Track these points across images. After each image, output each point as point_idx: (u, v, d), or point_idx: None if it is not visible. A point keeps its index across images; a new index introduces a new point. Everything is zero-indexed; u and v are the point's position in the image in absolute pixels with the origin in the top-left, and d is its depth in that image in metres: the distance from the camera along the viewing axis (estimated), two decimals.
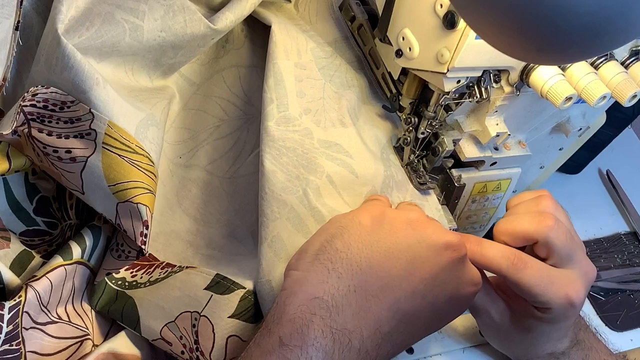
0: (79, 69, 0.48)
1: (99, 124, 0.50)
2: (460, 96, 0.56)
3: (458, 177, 0.61)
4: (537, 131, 0.64)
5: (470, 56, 0.50)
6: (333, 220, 0.49)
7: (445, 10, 0.48)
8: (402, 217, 0.48)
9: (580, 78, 0.51)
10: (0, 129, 0.50)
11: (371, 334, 0.43)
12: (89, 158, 0.51)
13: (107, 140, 0.50)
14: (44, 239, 0.57)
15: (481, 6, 0.35)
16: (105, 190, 0.51)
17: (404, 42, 0.54)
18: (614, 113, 0.69)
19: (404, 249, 0.46)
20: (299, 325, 0.42)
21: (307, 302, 0.43)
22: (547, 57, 0.39)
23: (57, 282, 0.52)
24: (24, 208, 0.56)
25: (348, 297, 0.43)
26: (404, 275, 0.45)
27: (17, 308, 0.49)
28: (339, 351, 0.42)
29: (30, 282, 0.50)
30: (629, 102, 0.53)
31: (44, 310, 0.52)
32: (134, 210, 0.52)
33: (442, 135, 0.58)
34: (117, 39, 0.51)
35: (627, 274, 0.78)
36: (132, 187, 0.51)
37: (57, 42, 0.48)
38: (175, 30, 0.53)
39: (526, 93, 0.56)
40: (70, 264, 0.53)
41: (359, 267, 0.44)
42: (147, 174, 0.53)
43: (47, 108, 0.50)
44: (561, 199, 0.83)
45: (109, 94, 0.50)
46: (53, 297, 0.52)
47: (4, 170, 0.52)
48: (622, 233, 0.84)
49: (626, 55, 0.55)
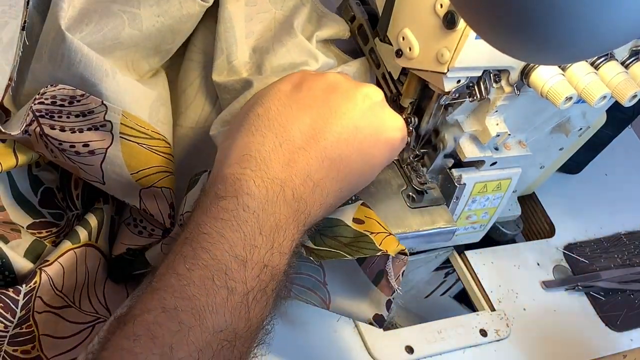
0: (87, 62, 0.49)
1: (114, 115, 0.51)
2: (461, 96, 0.56)
3: (458, 177, 0.61)
4: (537, 131, 0.64)
5: (470, 56, 0.50)
6: (255, 94, 0.51)
7: (445, 10, 0.48)
8: (321, 81, 0.49)
9: (580, 78, 0.51)
10: (8, 128, 0.50)
11: (302, 182, 0.45)
12: (108, 149, 0.52)
13: (123, 130, 0.52)
14: (51, 230, 0.58)
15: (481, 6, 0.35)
16: (127, 178, 0.53)
17: (404, 42, 0.54)
18: (614, 113, 0.69)
19: (322, 104, 0.48)
20: (232, 180, 0.44)
21: (237, 160, 0.45)
22: (547, 57, 0.39)
23: (69, 266, 0.53)
24: (29, 200, 0.56)
25: (275, 152, 0.45)
26: (325, 125, 0.47)
27: (31, 294, 0.50)
28: (273, 198, 0.44)
29: (43, 267, 0.51)
30: (629, 102, 0.53)
31: (60, 295, 0.53)
32: (159, 194, 0.54)
33: (442, 131, 0.58)
34: (117, 30, 0.51)
35: (627, 274, 0.78)
36: (154, 173, 0.53)
37: (61, 38, 0.48)
38: (172, 13, 0.53)
39: (526, 93, 0.56)
40: (79, 246, 0.54)
41: (280, 124, 0.46)
42: (165, 157, 0.55)
43: (56, 104, 0.50)
44: (561, 199, 0.84)
45: (119, 83, 0.51)
46: (68, 282, 0.53)
47: (11, 166, 0.52)
48: (622, 233, 0.84)
49: (626, 55, 0.55)
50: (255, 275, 0.42)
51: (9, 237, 0.53)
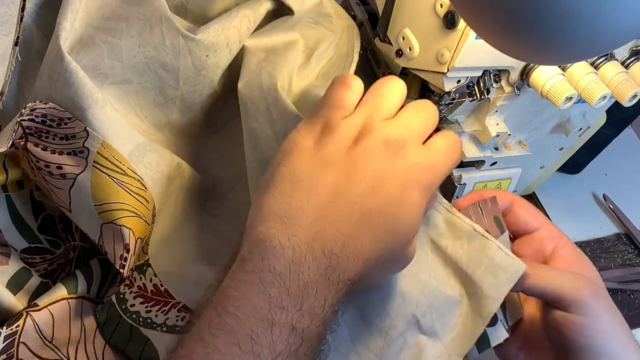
0: (79, 86, 0.48)
1: (93, 143, 0.50)
2: (461, 96, 0.56)
3: (458, 177, 0.61)
4: (537, 131, 0.64)
5: (470, 56, 0.50)
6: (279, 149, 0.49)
7: (445, 10, 0.48)
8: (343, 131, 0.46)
9: (580, 78, 0.51)
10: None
11: (332, 237, 0.43)
12: (78, 175, 0.50)
13: (98, 159, 0.50)
14: (45, 257, 0.56)
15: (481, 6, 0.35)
16: (91, 209, 0.51)
17: (404, 42, 0.54)
18: (614, 113, 0.69)
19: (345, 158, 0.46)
20: (257, 241, 0.42)
21: (263, 220, 0.44)
22: (547, 57, 0.39)
23: (61, 317, 0.51)
24: (28, 225, 0.55)
25: (301, 210, 0.44)
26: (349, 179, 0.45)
27: (13, 337, 0.48)
28: (300, 257, 0.42)
29: (29, 311, 0.49)
30: (629, 102, 0.53)
31: (49, 346, 0.51)
32: (117, 232, 0.51)
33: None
34: (96, 60, 0.51)
35: (627, 274, 0.78)
36: (117, 209, 0.51)
37: (60, 59, 0.48)
38: (154, 42, 0.52)
39: (526, 93, 0.56)
40: (74, 298, 0.52)
41: (305, 184, 0.45)
42: (136, 198, 0.52)
43: (45, 123, 0.50)
44: (561, 199, 0.84)
45: (107, 114, 0.50)
46: (59, 333, 0.51)
47: (1, 181, 0.51)
48: (622, 233, 0.84)
49: (626, 55, 0.55)
50: (284, 339, 0.40)
51: None
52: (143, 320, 0.55)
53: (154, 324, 0.55)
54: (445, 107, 0.56)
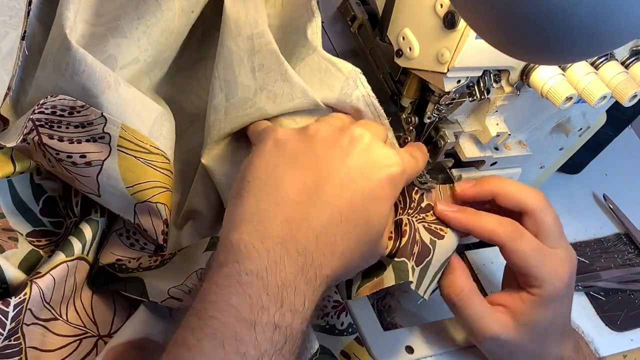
0: (90, 73, 0.49)
1: (112, 127, 0.51)
2: (461, 96, 0.56)
3: (458, 177, 0.61)
4: (537, 131, 0.64)
5: (470, 56, 0.50)
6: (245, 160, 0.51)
7: (445, 10, 0.48)
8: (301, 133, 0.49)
9: (580, 78, 0.51)
10: (5, 138, 0.50)
11: (304, 234, 0.45)
12: (104, 161, 0.52)
13: (121, 142, 0.51)
14: (50, 239, 0.57)
15: (481, 6, 0.35)
16: (122, 192, 0.52)
17: (404, 42, 0.54)
18: (614, 113, 0.69)
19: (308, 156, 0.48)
20: (231, 246, 0.44)
21: (235, 226, 0.45)
22: (547, 57, 0.39)
23: (60, 279, 0.52)
24: (30, 209, 0.56)
25: (271, 212, 0.45)
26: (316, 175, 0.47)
27: (21, 305, 0.49)
28: (275, 257, 0.43)
29: (34, 279, 0.51)
30: (629, 102, 0.53)
31: (47, 307, 0.52)
32: (153, 210, 0.53)
33: (442, 128, 0.58)
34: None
35: (627, 274, 0.78)
36: (150, 187, 0.53)
37: (66, 47, 0.48)
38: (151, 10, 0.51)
39: (526, 93, 0.56)
40: (72, 259, 0.53)
41: (271, 186, 0.46)
42: (163, 173, 0.54)
43: (56, 114, 0.50)
44: (561, 199, 0.84)
45: (121, 96, 0.51)
46: (56, 294, 0.53)
47: (8, 173, 0.52)
48: (622, 233, 0.84)
49: (626, 55, 0.55)
50: (268, 337, 0.41)
51: (5, 247, 0.53)
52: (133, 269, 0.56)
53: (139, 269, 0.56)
54: (445, 107, 0.56)
